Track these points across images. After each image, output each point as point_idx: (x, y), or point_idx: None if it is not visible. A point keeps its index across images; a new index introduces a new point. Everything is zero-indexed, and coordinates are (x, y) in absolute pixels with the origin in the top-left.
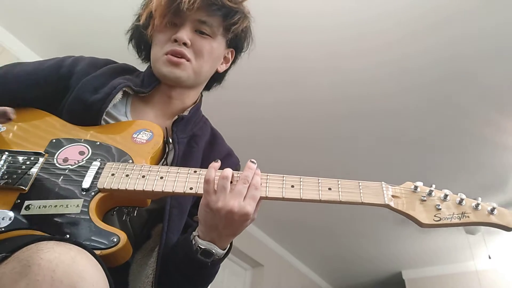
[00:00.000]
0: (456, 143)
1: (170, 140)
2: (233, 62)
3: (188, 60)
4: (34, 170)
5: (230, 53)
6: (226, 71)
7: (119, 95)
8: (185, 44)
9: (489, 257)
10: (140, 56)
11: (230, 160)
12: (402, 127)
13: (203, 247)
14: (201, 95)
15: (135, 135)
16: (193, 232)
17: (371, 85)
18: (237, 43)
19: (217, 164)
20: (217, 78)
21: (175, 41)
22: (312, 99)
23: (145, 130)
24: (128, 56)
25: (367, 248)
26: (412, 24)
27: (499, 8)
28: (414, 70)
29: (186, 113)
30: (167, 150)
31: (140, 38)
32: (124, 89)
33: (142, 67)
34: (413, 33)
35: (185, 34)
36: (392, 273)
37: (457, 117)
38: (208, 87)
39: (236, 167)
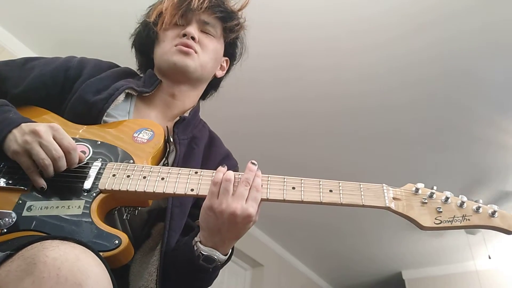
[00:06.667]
0: (455, 142)
1: (171, 140)
2: (227, 71)
3: (196, 52)
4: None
5: (225, 62)
6: (221, 78)
7: (121, 97)
8: (193, 38)
9: (489, 257)
10: (141, 61)
11: (229, 163)
12: (402, 124)
13: (205, 253)
14: (199, 100)
15: (136, 134)
16: (195, 238)
17: (371, 82)
18: (232, 52)
19: (225, 168)
20: (214, 85)
21: (184, 35)
22: (312, 96)
23: (146, 129)
24: (125, 55)
25: (367, 248)
26: (412, 21)
27: (500, 5)
28: (414, 67)
29: (186, 114)
30: (168, 150)
31: (146, 38)
32: (126, 91)
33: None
34: (413, 30)
35: (193, 29)
36: (392, 273)
37: (457, 115)
38: (204, 95)
39: (234, 169)
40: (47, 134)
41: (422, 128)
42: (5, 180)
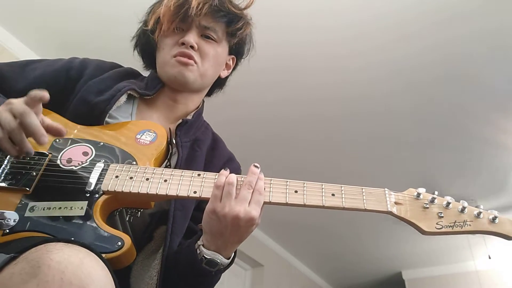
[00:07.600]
0: (456, 143)
1: (174, 141)
2: (234, 68)
3: (195, 62)
4: (38, 171)
5: (231, 60)
6: (227, 77)
7: (123, 98)
8: (192, 47)
9: (489, 257)
10: (145, 62)
11: (232, 165)
12: (402, 127)
13: (208, 257)
14: (203, 101)
15: (138, 136)
16: (198, 242)
17: (371, 85)
18: (239, 49)
19: (227, 171)
20: (218, 84)
21: (183, 44)
22: (311, 99)
23: (148, 130)
24: (125, 54)
25: (367, 248)
26: (411, 24)
27: (500, 8)
28: (414, 70)
29: (189, 117)
30: (170, 151)
31: (146, 44)
32: (129, 92)
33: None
34: (413, 33)
35: (192, 37)
36: (392, 273)
37: (457, 117)
38: (209, 93)
39: (237, 172)
40: (18, 100)
41: (423, 130)
42: (7, 180)
